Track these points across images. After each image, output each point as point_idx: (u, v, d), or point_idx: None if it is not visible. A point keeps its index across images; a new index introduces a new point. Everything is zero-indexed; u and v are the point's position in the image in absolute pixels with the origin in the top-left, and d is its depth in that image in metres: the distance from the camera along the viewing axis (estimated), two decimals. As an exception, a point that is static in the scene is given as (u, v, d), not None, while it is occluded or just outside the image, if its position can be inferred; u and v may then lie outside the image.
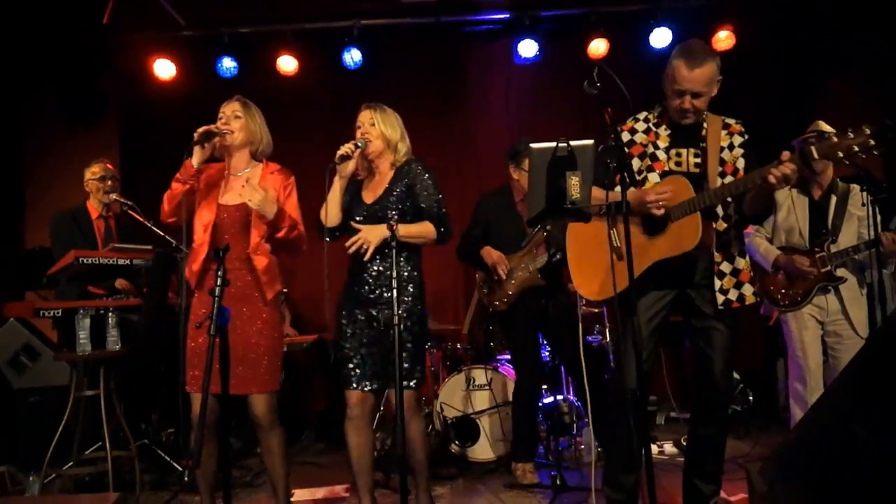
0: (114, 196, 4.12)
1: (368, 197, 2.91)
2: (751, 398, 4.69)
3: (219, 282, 2.13)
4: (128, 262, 3.68)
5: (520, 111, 5.73)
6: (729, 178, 2.60)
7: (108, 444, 3.42)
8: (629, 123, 2.76)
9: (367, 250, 2.74)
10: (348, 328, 2.86)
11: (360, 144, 2.83)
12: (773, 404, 4.75)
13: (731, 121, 2.72)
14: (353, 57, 5.40)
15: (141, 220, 3.99)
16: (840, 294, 3.37)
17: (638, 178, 2.68)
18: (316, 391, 5.35)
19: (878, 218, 3.15)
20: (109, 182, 4.15)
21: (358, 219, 2.86)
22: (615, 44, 5.26)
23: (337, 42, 5.44)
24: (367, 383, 2.82)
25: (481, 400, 4.03)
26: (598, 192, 2.55)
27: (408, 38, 5.68)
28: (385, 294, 2.79)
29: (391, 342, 2.51)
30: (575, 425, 4.12)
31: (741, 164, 2.64)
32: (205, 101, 5.64)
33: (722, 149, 2.65)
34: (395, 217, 2.76)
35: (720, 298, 2.58)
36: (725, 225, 2.59)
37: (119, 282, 4.01)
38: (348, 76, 5.51)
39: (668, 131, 2.69)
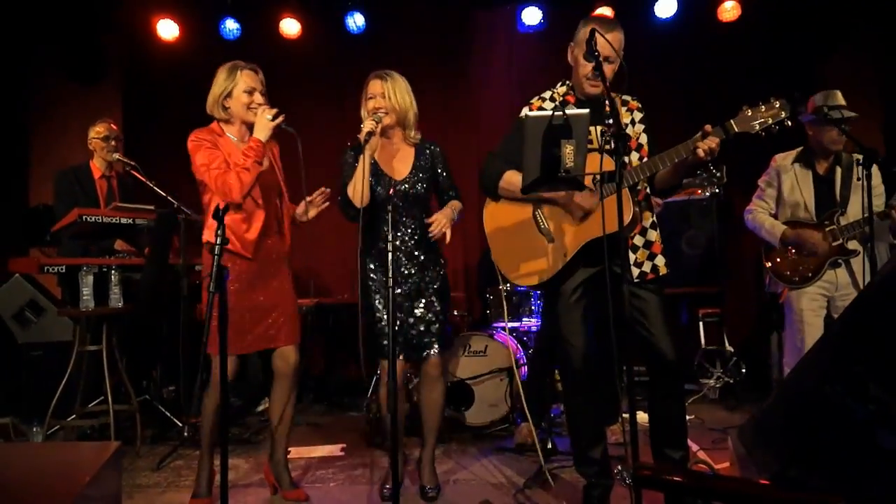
0: (117, 156, 4.15)
1: (393, 172, 2.94)
2: (743, 370, 4.77)
3: (218, 241, 2.17)
4: (130, 221, 3.73)
5: (522, 79, 5.70)
6: (635, 154, 2.64)
7: (109, 398, 3.50)
8: (536, 102, 2.77)
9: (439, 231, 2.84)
10: (379, 301, 2.92)
11: (377, 119, 2.82)
12: (766, 377, 4.81)
13: (628, 97, 2.75)
14: (356, 21, 5.37)
15: (143, 179, 4.03)
16: (851, 267, 3.34)
17: None
18: (314, 355, 5.43)
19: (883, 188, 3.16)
20: (113, 142, 4.19)
21: (390, 192, 2.87)
22: (619, 12, 5.22)
23: (340, 6, 5.40)
24: (403, 352, 2.92)
25: (477, 366, 4.09)
26: (514, 177, 2.61)
27: (412, 3, 5.64)
28: (413, 267, 2.93)
29: (423, 312, 2.84)
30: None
31: (644, 139, 2.69)
32: (207, 62, 5.68)
33: (625, 125, 2.68)
34: (424, 193, 2.94)
35: (635, 272, 2.63)
36: (637, 199, 2.63)
37: (118, 243, 4.06)
38: (351, 40, 5.49)
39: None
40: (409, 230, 2.93)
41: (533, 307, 4.51)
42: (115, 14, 5.51)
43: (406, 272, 2.93)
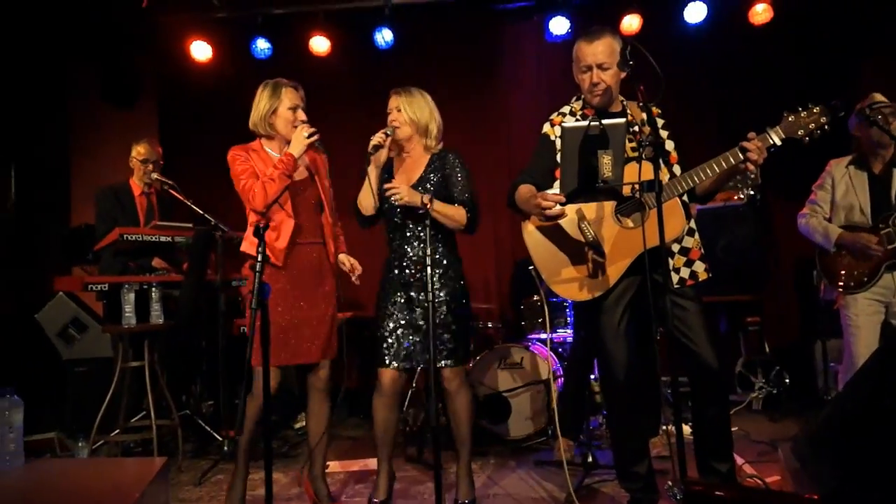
0: (155, 175, 4.23)
1: (403, 180, 2.96)
2: (787, 380, 4.66)
3: (259, 257, 2.19)
4: (169, 239, 3.79)
5: (551, 90, 5.69)
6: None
7: (152, 413, 3.56)
8: (557, 118, 2.77)
9: (396, 201, 2.79)
10: (387, 309, 2.94)
11: (388, 132, 2.90)
12: (811, 387, 4.68)
13: (648, 105, 2.71)
14: (384, 37, 5.41)
15: (181, 198, 4.10)
16: None
17: None
18: (348, 368, 5.45)
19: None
20: (151, 166, 4.27)
21: (395, 202, 2.89)
22: (648, 19, 5.19)
23: (368, 22, 5.46)
24: (400, 363, 2.89)
25: (513, 378, 4.07)
26: (521, 190, 2.62)
27: (439, 18, 5.67)
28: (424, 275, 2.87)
29: (433, 323, 2.65)
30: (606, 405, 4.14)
31: (670, 145, 2.68)
32: (239, 82, 5.80)
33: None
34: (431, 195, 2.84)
35: (674, 277, 2.60)
36: None
37: (155, 260, 4.13)
38: (380, 56, 5.53)
39: None
40: (416, 240, 2.93)
41: (567, 318, 4.47)
42: (150, 36, 5.64)
43: (413, 281, 2.91)
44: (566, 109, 2.79)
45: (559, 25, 5.29)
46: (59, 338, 4.40)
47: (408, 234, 2.93)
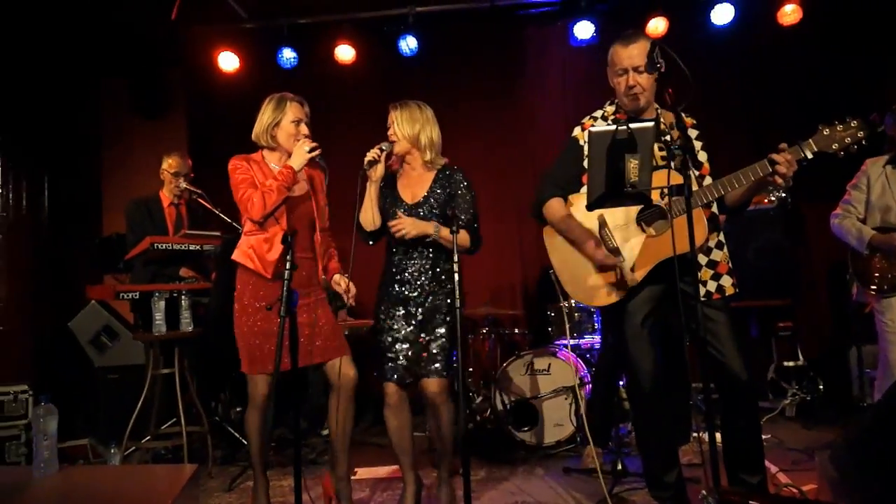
0: (184, 185, 4.30)
1: (408, 196, 2.99)
2: (821, 387, 4.56)
3: (288, 265, 2.21)
4: (199, 247, 3.84)
5: (576, 94, 5.66)
6: (693, 172, 2.55)
7: (182, 420, 3.60)
8: (588, 122, 2.76)
9: (403, 237, 2.83)
10: (386, 323, 2.96)
11: (384, 147, 2.93)
12: (846, 393, 4.57)
13: (682, 115, 2.68)
14: (408, 44, 5.44)
15: (209, 207, 4.15)
16: None
17: None
18: (373, 375, 5.45)
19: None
20: (182, 178, 4.33)
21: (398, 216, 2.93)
22: (675, 22, 5.15)
23: (393, 30, 5.49)
24: (403, 377, 2.93)
25: (540, 385, 4.04)
26: (554, 207, 2.67)
27: (463, 25, 5.69)
28: (423, 291, 2.92)
29: (427, 338, 2.82)
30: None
31: (703, 156, 2.63)
32: (265, 92, 5.86)
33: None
34: (436, 220, 2.88)
35: (700, 290, 2.55)
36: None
37: (183, 270, 4.18)
38: (404, 64, 5.56)
39: None
40: (417, 255, 2.94)
41: (595, 324, 4.44)
42: (179, 49, 5.74)
43: (413, 296, 2.93)
44: (598, 114, 2.77)
45: (584, 30, 5.27)
46: (91, 345, 4.48)
47: (409, 250, 2.95)
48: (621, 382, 4.06)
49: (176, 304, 3.72)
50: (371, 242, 3.04)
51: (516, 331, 4.64)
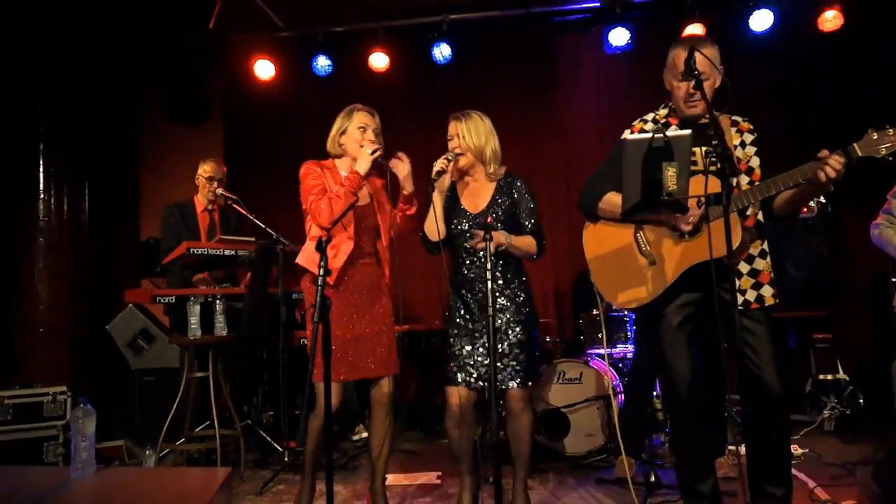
0: (220, 191, 4.36)
1: (471, 205, 2.98)
2: (861, 400, 4.43)
3: (321, 272, 2.23)
4: (233, 252, 3.89)
5: (611, 102, 5.63)
6: (744, 178, 2.52)
7: (216, 424, 3.64)
8: (638, 125, 2.71)
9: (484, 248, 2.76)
10: (456, 328, 2.95)
11: (450, 158, 2.90)
12: (887, 408, 4.43)
13: (738, 118, 2.65)
14: (442, 52, 5.46)
15: (244, 213, 4.21)
16: None
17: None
18: (405, 381, 5.47)
19: None
20: (216, 183, 4.39)
21: (464, 227, 2.93)
22: (712, 28, 5.07)
23: (427, 37, 5.52)
24: (469, 381, 2.89)
25: (572, 394, 4.00)
26: (615, 197, 2.54)
27: (496, 32, 5.69)
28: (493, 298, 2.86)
29: (502, 346, 2.74)
30: (668, 422, 4.03)
31: (755, 162, 2.57)
32: (300, 99, 5.95)
33: (734, 147, 2.57)
34: (502, 227, 2.85)
35: (739, 299, 2.49)
36: (745, 225, 2.50)
37: (196, 276, 4.20)
38: (438, 71, 5.58)
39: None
40: (483, 260, 2.90)
41: (628, 333, 4.38)
42: (216, 56, 5.85)
43: (478, 301, 2.91)
44: (649, 116, 2.74)
45: (619, 37, 5.23)
46: (128, 348, 4.57)
47: (475, 258, 2.93)
48: (655, 392, 4.01)
49: (211, 309, 3.77)
50: (435, 252, 2.97)
51: (547, 339, 4.60)
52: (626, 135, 2.70)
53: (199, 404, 3.91)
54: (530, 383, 2.94)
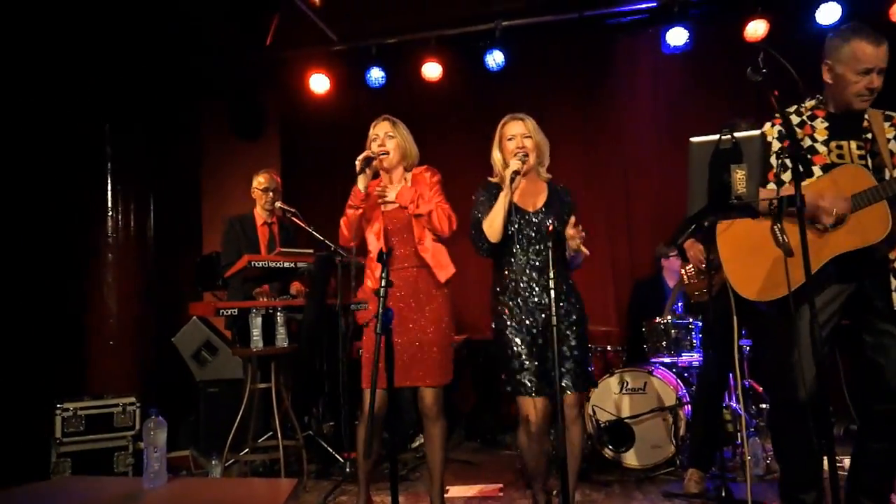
0: (278, 204, 4.42)
1: (528, 204, 2.93)
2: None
3: (383, 283, 2.22)
4: (293, 265, 3.93)
5: (669, 104, 5.49)
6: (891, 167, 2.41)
7: (279, 434, 3.68)
8: (778, 118, 2.60)
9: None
10: (518, 336, 2.84)
11: (522, 159, 2.86)
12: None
13: (892, 113, 2.55)
14: (495, 59, 5.43)
15: (303, 225, 4.26)
16: None
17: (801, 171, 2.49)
18: (464, 391, 5.43)
19: None
20: (271, 193, 4.45)
21: (522, 226, 2.89)
22: (776, 24, 4.89)
23: (479, 45, 5.50)
24: (541, 390, 2.80)
25: (636, 404, 3.89)
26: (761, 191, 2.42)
27: (549, 36, 5.63)
28: (547, 305, 2.79)
29: (558, 348, 2.58)
30: (739, 434, 3.87)
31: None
32: (355, 112, 6.01)
33: (888, 140, 2.47)
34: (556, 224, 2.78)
35: (895, 298, 2.35)
36: None
37: (256, 290, 4.25)
38: (491, 78, 5.55)
39: (826, 123, 2.55)
40: (536, 268, 2.85)
41: (694, 341, 4.23)
42: (273, 72, 5.97)
43: (534, 306, 2.84)
44: (792, 108, 2.65)
45: (677, 36, 5.09)
46: (193, 359, 4.68)
47: (530, 261, 2.87)
48: (724, 404, 3.85)
49: (272, 321, 3.81)
50: (488, 254, 2.92)
51: (609, 347, 4.49)
52: (766, 126, 2.62)
53: (261, 415, 3.96)
54: (586, 389, 2.87)
